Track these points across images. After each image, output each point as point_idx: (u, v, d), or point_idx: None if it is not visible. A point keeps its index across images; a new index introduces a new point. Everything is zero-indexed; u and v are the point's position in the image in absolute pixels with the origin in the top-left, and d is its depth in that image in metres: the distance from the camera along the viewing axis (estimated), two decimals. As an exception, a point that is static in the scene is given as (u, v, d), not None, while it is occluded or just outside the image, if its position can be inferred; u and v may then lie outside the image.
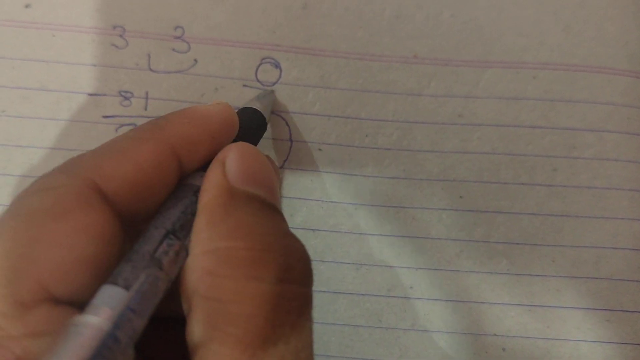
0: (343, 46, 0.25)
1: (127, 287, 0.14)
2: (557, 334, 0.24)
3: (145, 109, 0.25)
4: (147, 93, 0.25)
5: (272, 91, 0.24)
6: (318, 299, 0.24)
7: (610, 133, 0.25)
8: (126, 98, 0.25)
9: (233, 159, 0.17)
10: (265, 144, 0.25)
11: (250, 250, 0.15)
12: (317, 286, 0.24)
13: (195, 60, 0.25)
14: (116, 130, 0.25)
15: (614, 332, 0.24)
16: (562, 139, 0.25)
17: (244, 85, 0.25)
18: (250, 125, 0.21)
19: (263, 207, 0.17)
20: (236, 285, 0.15)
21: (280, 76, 0.25)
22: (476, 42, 0.25)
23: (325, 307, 0.24)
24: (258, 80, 0.25)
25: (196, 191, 0.17)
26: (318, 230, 0.25)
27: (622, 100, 0.25)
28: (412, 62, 0.25)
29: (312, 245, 0.25)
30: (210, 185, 0.17)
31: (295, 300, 0.15)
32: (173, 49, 0.25)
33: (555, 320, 0.24)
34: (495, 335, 0.24)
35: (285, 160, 0.25)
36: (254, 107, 0.21)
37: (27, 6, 0.25)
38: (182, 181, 0.18)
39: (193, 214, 0.17)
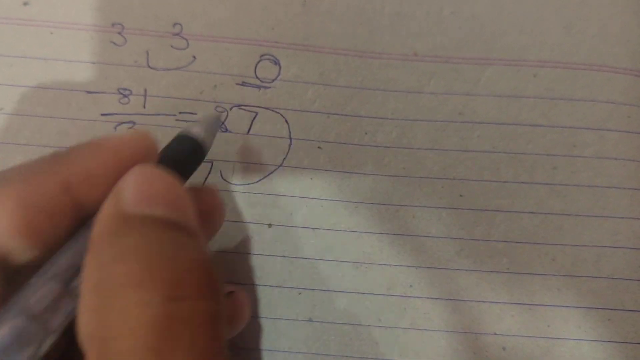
0: (343, 43, 0.25)
1: None
2: (557, 333, 0.24)
3: (144, 107, 0.25)
4: (145, 90, 0.25)
5: (219, 116, 0.23)
6: (317, 298, 0.24)
7: (611, 132, 0.25)
8: (125, 95, 0.25)
9: (129, 183, 0.16)
10: (265, 141, 0.25)
11: (134, 274, 0.13)
12: (316, 285, 0.24)
13: (194, 57, 0.25)
14: (115, 128, 0.25)
15: (615, 331, 0.24)
16: (563, 137, 0.25)
17: (243, 83, 0.25)
18: (182, 154, 0.19)
19: (158, 225, 0.15)
20: (119, 317, 0.13)
21: (279, 73, 0.25)
22: (477, 40, 0.25)
23: (324, 306, 0.24)
24: (257, 77, 0.25)
25: (87, 233, 0.16)
26: (318, 228, 0.25)
27: (623, 99, 0.25)
28: (412, 60, 0.25)
29: (312, 244, 0.25)
30: (101, 217, 0.15)
31: (189, 320, 0.13)
32: (172, 46, 0.25)
33: (555, 319, 0.24)
34: (495, 334, 0.24)
35: (284, 158, 0.25)
36: (191, 133, 0.20)
37: (25, 4, 0.25)
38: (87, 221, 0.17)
39: (83, 254, 0.15)
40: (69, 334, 0.15)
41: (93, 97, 0.25)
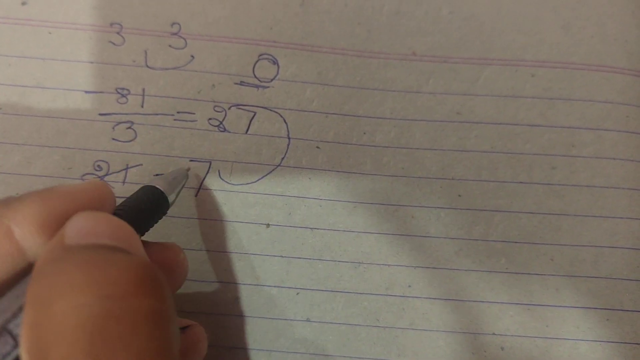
0: (341, 43, 0.25)
1: None
2: (556, 333, 0.24)
3: (142, 106, 0.25)
4: (144, 90, 0.25)
5: (187, 171, 0.24)
6: (316, 298, 0.24)
7: (609, 131, 0.25)
8: (123, 95, 0.25)
9: (73, 222, 0.16)
10: (263, 141, 0.25)
11: (69, 282, 0.13)
12: (314, 285, 0.24)
13: (192, 57, 0.25)
14: (113, 128, 0.25)
15: (614, 331, 0.24)
16: (561, 137, 0.25)
17: (241, 82, 0.25)
18: (145, 203, 0.20)
19: (98, 248, 0.15)
20: (57, 324, 0.13)
21: (277, 72, 0.25)
22: (475, 40, 0.25)
23: (322, 306, 0.24)
24: (255, 77, 0.25)
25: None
26: (316, 228, 0.24)
27: (621, 99, 0.25)
28: (411, 60, 0.25)
29: (311, 243, 0.24)
30: (43, 252, 0.15)
31: (126, 317, 0.13)
32: (170, 46, 0.25)
33: (554, 319, 0.24)
34: (493, 334, 0.24)
35: (283, 158, 0.25)
36: (157, 185, 0.20)
37: (23, 3, 0.25)
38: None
39: (22, 297, 0.15)
40: None
41: (91, 97, 0.25)
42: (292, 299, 0.24)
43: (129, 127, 0.25)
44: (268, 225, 0.25)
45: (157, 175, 0.24)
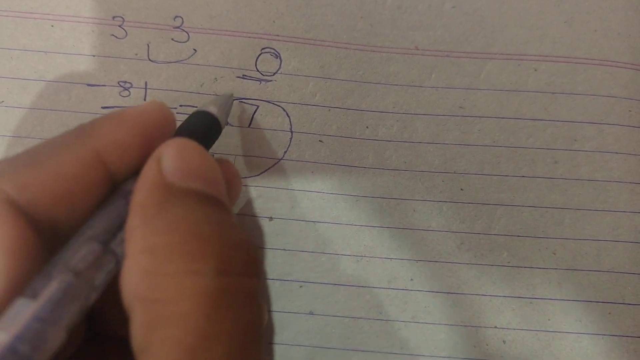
0: (344, 37, 0.25)
1: (34, 297, 0.14)
2: (558, 327, 0.24)
3: (145, 100, 0.25)
4: (146, 83, 0.25)
5: (232, 95, 0.23)
6: (319, 291, 0.24)
7: (612, 126, 0.25)
8: (125, 88, 0.25)
9: (169, 155, 0.16)
10: (266, 134, 0.25)
11: (185, 243, 0.14)
12: (317, 278, 0.24)
13: (195, 50, 0.25)
14: (115, 121, 0.25)
15: (616, 325, 0.24)
16: (563, 131, 0.25)
17: (244, 76, 0.25)
18: (201, 129, 0.20)
19: (201, 199, 0.16)
20: (174, 282, 0.14)
21: (280, 66, 0.25)
22: (478, 34, 0.25)
23: (325, 299, 0.24)
24: (258, 70, 0.25)
25: (127, 194, 0.17)
26: (319, 222, 0.25)
27: (624, 93, 0.25)
28: (413, 54, 0.25)
29: (313, 237, 0.24)
30: (144, 183, 0.16)
31: (237, 293, 0.14)
32: (172, 39, 0.25)
33: (556, 312, 0.24)
34: (495, 327, 0.24)
35: (285, 152, 0.25)
36: (208, 110, 0.20)
37: (25, -4, 0.25)
38: (117, 187, 0.17)
39: (120, 217, 0.16)
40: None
41: (93, 90, 0.25)
42: (295, 292, 0.24)
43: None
44: (271, 218, 0.25)
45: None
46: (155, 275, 0.14)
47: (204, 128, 0.20)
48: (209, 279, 0.14)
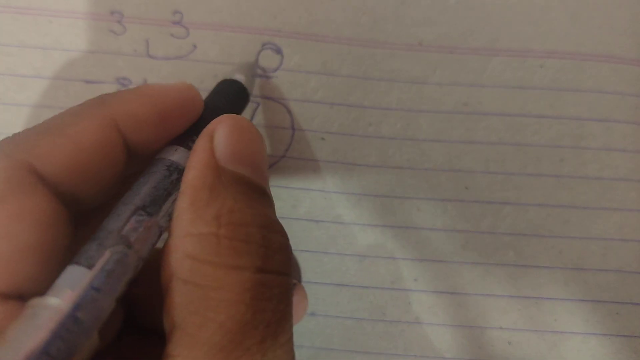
0: (346, 32, 0.24)
1: (89, 266, 0.14)
2: (564, 327, 0.24)
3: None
4: (145, 80, 0.24)
5: (256, 61, 0.23)
6: (321, 291, 0.24)
7: (618, 123, 0.25)
8: (124, 85, 0.24)
9: (223, 134, 0.17)
10: (267, 132, 0.24)
11: (232, 239, 0.15)
12: (320, 278, 0.24)
13: (195, 46, 0.24)
14: (114, 118, 0.24)
15: (623, 325, 0.24)
16: (569, 129, 0.25)
17: (245, 73, 0.24)
18: (229, 96, 0.20)
19: (249, 190, 0.16)
20: (217, 272, 0.14)
21: (281, 62, 0.24)
22: (482, 30, 0.25)
23: (328, 300, 0.24)
24: (259, 67, 0.24)
25: (169, 166, 0.17)
26: (321, 221, 0.24)
27: (630, 90, 0.25)
28: (417, 50, 0.25)
29: (315, 236, 0.24)
30: (197, 163, 0.16)
31: (274, 288, 0.15)
32: (172, 35, 0.24)
33: (562, 313, 0.24)
34: (501, 328, 0.24)
35: (287, 149, 0.24)
36: (234, 78, 0.20)
37: (22, -9, 0.24)
38: (155, 155, 0.17)
39: (165, 190, 0.16)
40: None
41: (91, 87, 0.24)
42: (297, 292, 0.24)
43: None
44: (272, 217, 0.24)
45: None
46: (197, 261, 0.15)
47: (233, 97, 0.20)
48: (250, 273, 0.15)
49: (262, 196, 0.17)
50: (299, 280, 0.24)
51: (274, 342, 0.15)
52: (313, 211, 0.24)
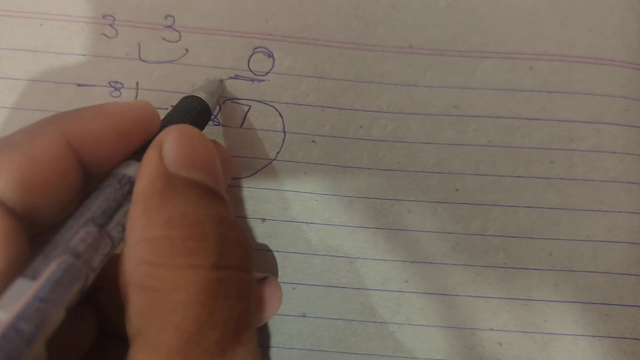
0: (337, 36, 0.24)
1: (34, 277, 0.14)
2: (554, 329, 0.24)
3: (136, 100, 0.24)
4: (137, 83, 0.24)
5: (221, 80, 0.24)
6: (311, 293, 0.24)
7: (608, 125, 0.25)
8: (116, 89, 0.24)
9: (171, 142, 0.17)
10: (258, 135, 0.24)
11: (185, 239, 0.15)
12: (310, 280, 0.24)
13: (187, 50, 0.24)
14: (105, 121, 0.24)
15: (613, 327, 0.24)
16: (559, 131, 0.25)
17: (236, 76, 0.24)
18: (190, 112, 0.20)
19: (202, 192, 0.16)
20: (172, 274, 0.15)
21: (273, 66, 0.24)
22: (472, 33, 0.25)
23: (318, 301, 0.24)
24: (250, 70, 0.24)
25: (120, 179, 0.17)
26: (312, 223, 0.24)
27: (620, 92, 0.25)
28: (407, 53, 0.25)
29: (306, 238, 0.24)
30: (146, 172, 0.16)
31: (232, 285, 0.15)
32: (164, 39, 0.24)
33: (552, 314, 0.24)
34: (491, 329, 0.24)
35: (278, 152, 0.24)
36: (197, 95, 0.21)
37: (15, -5, 0.24)
38: (111, 171, 0.18)
39: (116, 201, 0.16)
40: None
41: (83, 90, 0.24)
42: (288, 294, 0.24)
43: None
44: (264, 219, 0.24)
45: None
46: (152, 266, 0.15)
47: (194, 113, 0.20)
48: (206, 271, 0.15)
49: (216, 198, 0.17)
50: (275, 275, 0.24)
51: (233, 340, 0.15)
52: (304, 213, 0.24)
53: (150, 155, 0.17)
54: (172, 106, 0.22)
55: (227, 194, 0.24)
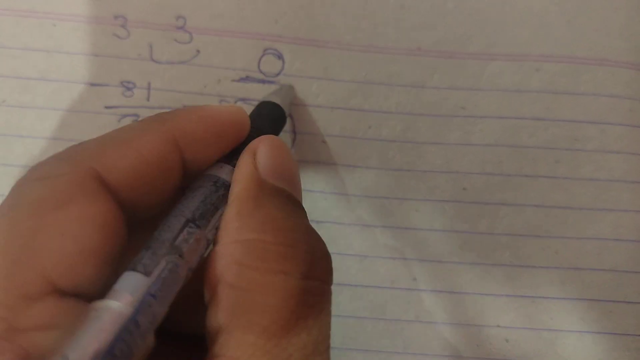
0: (347, 37, 0.25)
1: (147, 274, 0.14)
2: (560, 326, 0.24)
3: (148, 100, 0.25)
4: (149, 84, 0.25)
5: (291, 86, 0.24)
6: (322, 291, 0.24)
7: (613, 125, 0.25)
8: (128, 89, 0.25)
9: (264, 152, 0.17)
10: (269, 135, 0.25)
11: (278, 245, 0.15)
12: (320, 278, 0.24)
13: (198, 51, 0.25)
14: (118, 121, 0.25)
15: (618, 324, 0.24)
16: (565, 131, 0.25)
17: (247, 77, 0.25)
18: (270, 118, 0.21)
19: (289, 202, 0.17)
20: (263, 277, 0.15)
21: (283, 67, 0.25)
22: (480, 35, 0.25)
23: (329, 299, 0.24)
24: (261, 72, 0.25)
25: (215, 182, 0.17)
26: (322, 222, 0.25)
27: (625, 93, 0.25)
28: (416, 54, 0.25)
29: (316, 237, 0.25)
30: (242, 177, 0.17)
31: (317, 295, 0.15)
32: (175, 40, 0.25)
33: (558, 311, 0.24)
34: (498, 326, 0.24)
35: (288, 152, 0.25)
36: (274, 101, 0.21)
37: (27, -5, 0.25)
38: (203, 172, 0.18)
39: (212, 204, 0.17)
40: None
41: (96, 90, 0.25)
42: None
43: (135, 120, 0.25)
44: (274, 218, 0.25)
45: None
46: (244, 267, 0.15)
47: (273, 120, 0.21)
48: (295, 280, 0.15)
49: (300, 209, 0.17)
50: None
51: (315, 350, 0.15)
52: (314, 212, 0.25)
53: (245, 160, 0.17)
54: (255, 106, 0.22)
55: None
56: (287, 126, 0.25)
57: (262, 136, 0.18)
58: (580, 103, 0.25)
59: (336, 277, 0.24)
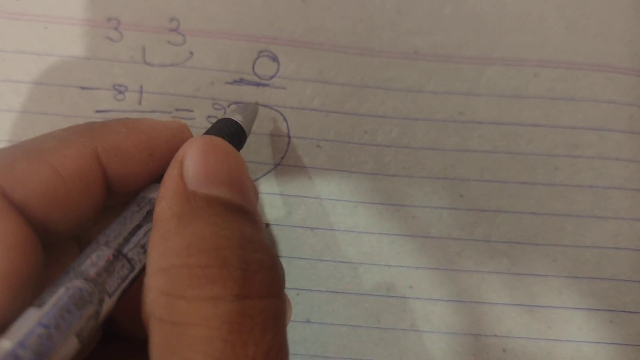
0: (343, 40, 0.24)
1: (40, 305, 0.14)
2: (558, 335, 0.24)
3: (140, 103, 0.24)
4: (141, 87, 0.24)
5: (256, 103, 0.23)
6: (316, 299, 0.24)
7: (612, 132, 0.25)
8: (120, 92, 0.24)
9: (193, 158, 0.16)
10: (263, 139, 0.24)
11: (205, 267, 0.14)
12: (315, 285, 0.24)
13: (191, 53, 0.24)
14: (109, 125, 0.24)
15: (617, 333, 0.24)
16: (564, 137, 0.25)
17: (241, 80, 0.24)
18: (225, 135, 0.19)
19: (224, 211, 0.15)
20: (192, 306, 0.13)
21: (277, 70, 0.24)
22: (478, 39, 0.25)
23: (323, 307, 0.24)
24: (255, 74, 0.24)
25: (141, 200, 0.16)
26: (316, 228, 0.24)
27: (624, 99, 0.25)
28: (413, 59, 0.25)
29: (311, 244, 0.24)
30: (166, 192, 0.15)
31: (258, 316, 0.14)
32: (168, 42, 0.24)
33: (556, 320, 0.24)
34: (495, 336, 0.24)
35: (283, 157, 0.24)
36: (234, 118, 0.20)
37: (18, -3, 0.24)
38: (137, 194, 0.17)
39: (132, 223, 0.16)
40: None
41: (87, 93, 0.24)
42: (292, 299, 0.24)
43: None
44: (267, 224, 0.24)
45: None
46: (171, 297, 0.14)
47: (228, 135, 0.19)
48: (228, 303, 0.13)
49: (241, 215, 0.15)
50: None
51: None
52: (308, 218, 0.24)
53: (170, 173, 0.16)
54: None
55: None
56: (282, 130, 0.24)
57: (192, 138, 0.16)
58: (579, 109, 0.25)
59: (331, 284, 0.24)
